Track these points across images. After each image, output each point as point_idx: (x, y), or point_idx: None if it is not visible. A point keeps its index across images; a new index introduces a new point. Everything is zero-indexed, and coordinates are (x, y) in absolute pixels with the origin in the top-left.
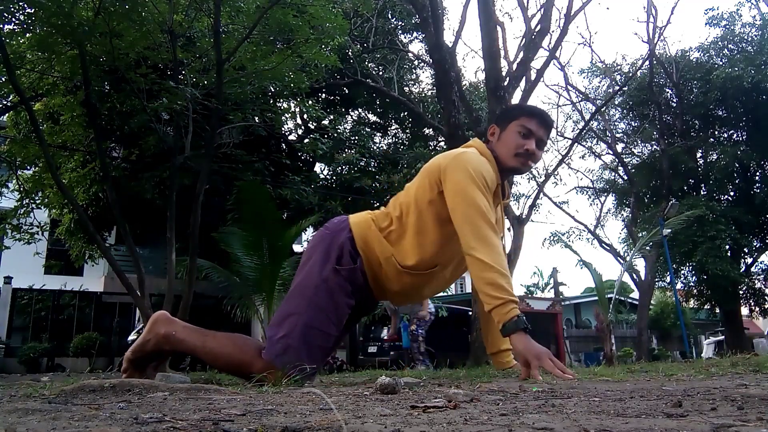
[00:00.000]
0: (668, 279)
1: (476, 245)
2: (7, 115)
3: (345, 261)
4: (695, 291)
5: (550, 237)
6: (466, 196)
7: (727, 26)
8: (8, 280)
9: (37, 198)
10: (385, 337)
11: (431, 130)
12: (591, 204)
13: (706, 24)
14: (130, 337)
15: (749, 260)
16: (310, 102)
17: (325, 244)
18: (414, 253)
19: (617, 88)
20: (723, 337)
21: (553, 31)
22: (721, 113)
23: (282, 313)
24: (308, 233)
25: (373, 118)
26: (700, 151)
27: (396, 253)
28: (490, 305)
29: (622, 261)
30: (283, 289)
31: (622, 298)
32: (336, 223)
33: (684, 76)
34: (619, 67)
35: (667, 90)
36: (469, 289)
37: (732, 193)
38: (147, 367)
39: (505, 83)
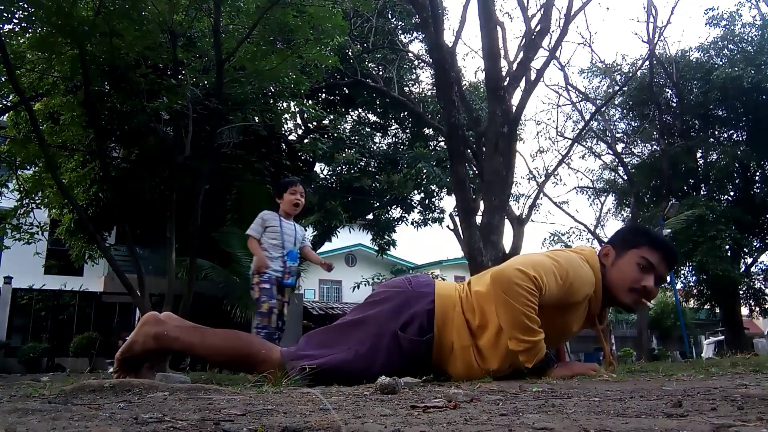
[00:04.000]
0: (668, 279)
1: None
2: (7, 115)
3: (411, 330)
4: (695, 291)
5: (550, 237)
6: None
7: (727, 26)
8: (8, 280)
9: (37, 198)
10: None
11: (431, 130)
12: (591, 204)
13: (706, 24)
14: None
15: (749, 260)
16: (310, 102)
17: (401, 300)
18: (495, 354)
19: (617, 88)
20: (723, 337)
21: (553, 31)
22: (721, 113)
23: (323, 338)
24: (308, 233)
25: (373, 118)
26: (700, 151)
27: (475, 345)
28: (521, 356)
29: None
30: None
31: None
32: (421, 283)
33: (684, 76)
34: (619, 67)
35: (667, 90)
36: None
37: (732, 193)
38: (141, 368)
39: (505, 83)
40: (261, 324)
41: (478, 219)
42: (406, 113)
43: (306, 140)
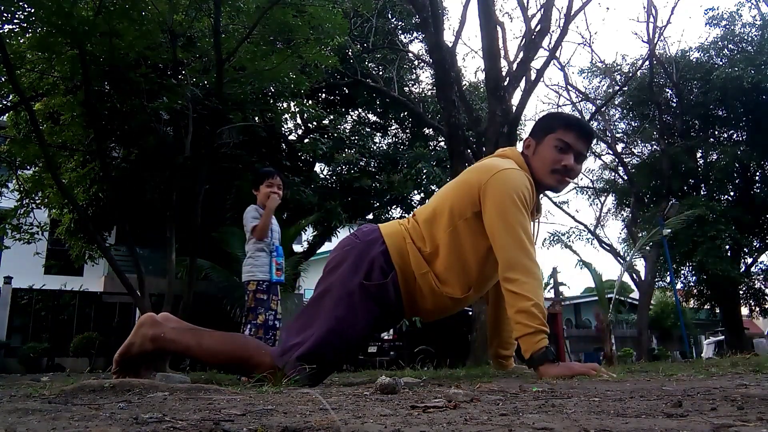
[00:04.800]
0: (668, 279)
1: (513, 274)
2: (7, 115)
3: (375, 276)
4: (695, 291)
5: (549, 237)
6: (508, 219)
7: (727, 26)
8: (8, 280)
9: (37, 198)
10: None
11: (431, 130)
12: (591, 204)
13: (706, 24)
14: None
15: (749, 260)
16: (310, 102)
17: (354, 255)
18: (452, 277)
19: (617, 88)
20: (723, 337)
21: (553, 31)
22: (721, 113)
23: (301, 322)
24: (308, 233)
25: (373, 118)
26: (700, 151)
27: (432, 271)
28: (520, 333)
29: (622, 261)
30: (282, 289)
31: (622, 298)
32: (366, 233)
33: (684, 76)
34: (619, 67)
35: (667, 90)
36: None
37: (732, 193)
38: (140, 369)
39: (505, 83)
40: (255, 335)
41: None
42: (406, 113)
43: (306, 140)
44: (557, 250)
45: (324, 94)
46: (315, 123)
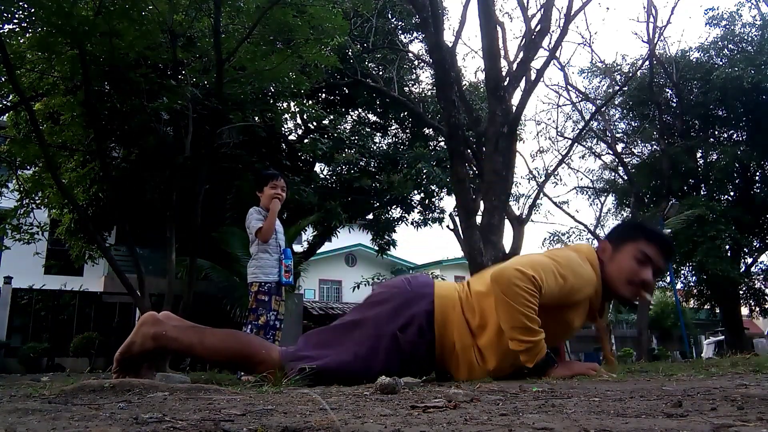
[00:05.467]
0: (668, 279)
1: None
2: (7, 115)
3: (411, 332)
4: (695, 291)
5: (550, 237)
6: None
7: (727, 26)
8: (8, 280)
9: (37, 198)
10: None
11: (431, 130)
12: (591, 204)
13: (706, 24)
14: None
15: (749, 260)
16: (310, 102)
17: (399, 301)
18: (495, 354)
19: (617, 88)
20: (723, 337)
21: (553, 31)
22: (721, 113)
23: (322, 339)
24: (308, 233)
25: (373, 118)
26: (700, 151)
27: (475, 345)
28: (522, 356)
29: None
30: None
31: None
32: (420, 284)
33: (684, 76)
34: (619, 67)
35: (667, 90)
36: None
37: (732, 193)
38: (141, 368)
39: (505, 83)
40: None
41: (478, 219)
42: (406, 113)
43: (306, 140)
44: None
45: (324, 94)
46: (315, 123)
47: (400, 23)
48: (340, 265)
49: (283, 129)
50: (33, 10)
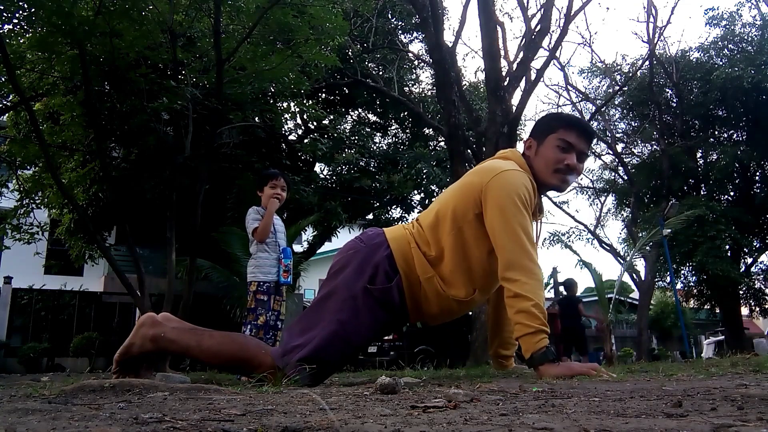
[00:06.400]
0: (668, 279)
1: (514, 274)
2: (7, 115)
3: (379, 280)
4: (695, 291)
5: (549, 237)
6: (508, 220)
7: (727, 26)
8: (8, 280)
9: (37, 198)
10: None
11: (431, 130)
12: (591, 204)
13: (706, 24)
14: None
15: (749, 260)
16: (310, 102)
17: (359, 259)
18: (458, 279)
19: (617, 88)
20: (723, 337)
21: (553, 31)
22: (721, 113)
23: (303, 323)
24: (308, 233)
25: (373, 118)
26: (700, 151)
27: (437, 274)
28: (520, 333)
29: (622, 261)
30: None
31: (622, 298)
32: (371, 237)
33: (684, 76)
34: (619, 67)
35: (667, 90)
36: None
37: (732, 193)
38: (140, 369)
39: (505, 83)
40: (256, 336)
41: None
42: (406, 113)
43: (306, 140)
44: (557, 250)
45: (324, 94)
46: (315, 123)
47: (400, 23)
48: None
49: (283, 129)
50: (33, 10)
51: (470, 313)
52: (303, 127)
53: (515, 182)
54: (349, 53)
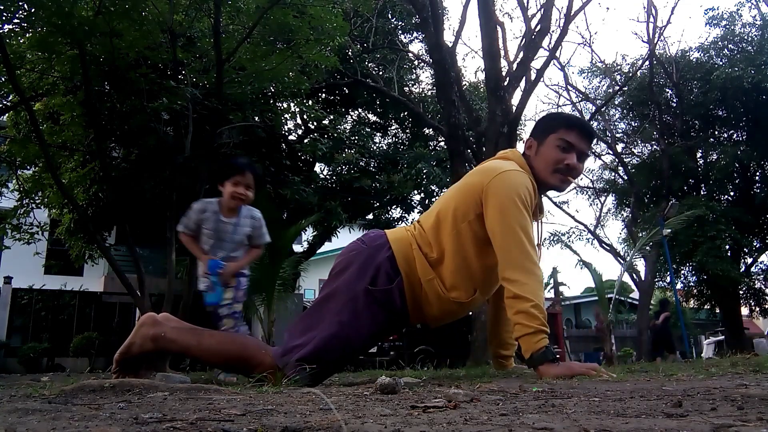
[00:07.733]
0: (668, 279)
1: (513, 274)
2: (7, 115)
3: (381, 281)
4: (695, 291)
5: (549, 237)
6: (508, 220)
7: (727, 26)
8: (8, 280)
9: (37, 198)
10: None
11: (431, 130)
12: (591, 204)
13: (706, 24)
14: None
15: (749, 260)
16: (310, 102)
17: (361, 260)
18: (458, 281)
19: (617, 88)
20: (723, 337)
21: (553, 31)
22: (721, 113)
23: (304, 323)
24: (308, 233)
25: (373, 118)
26: (700, 151)
27: (438, 276)
28: (519, 333)
29: (622, 261)
30: (282, 288)
31: (622, 298)
32: (373, 238)
33: (684, 76)
34: (619, 67)
35: (667, 90)
36: None
37: (732, 193)
38: (140, 369)
39: (505, 83)
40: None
41: None
42: (406, 113)
43: (306, 140)
44: (557, 250)
45: (324, 94)
46: (315, 123)
47: (400, 23)
48: None
49: (283, 129)
50: (33, 10)
51: (470, 313)
52: (303, 127)
53: (516, 182)
54: (349, 53)
